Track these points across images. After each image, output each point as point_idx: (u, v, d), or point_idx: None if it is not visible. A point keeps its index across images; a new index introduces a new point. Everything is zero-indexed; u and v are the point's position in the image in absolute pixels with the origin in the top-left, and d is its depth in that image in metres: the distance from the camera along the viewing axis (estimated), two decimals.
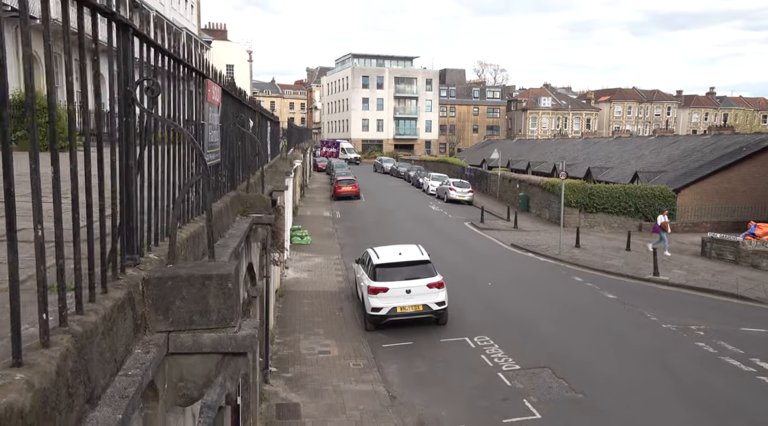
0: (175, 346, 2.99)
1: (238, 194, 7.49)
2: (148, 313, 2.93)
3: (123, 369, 2.53)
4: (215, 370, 3.10)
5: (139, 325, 2.85)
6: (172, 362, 3.04)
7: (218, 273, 3.00)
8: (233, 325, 3.04)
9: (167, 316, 2.96)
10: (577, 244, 27.24)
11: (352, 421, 10.74)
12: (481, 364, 13.60)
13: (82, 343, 2.08)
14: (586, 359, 13.73)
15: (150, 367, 2.63)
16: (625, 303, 18.29)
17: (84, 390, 2.06)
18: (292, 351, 14.19)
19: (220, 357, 3.08)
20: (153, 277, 2.93)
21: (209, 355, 3.05)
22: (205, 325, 3.01)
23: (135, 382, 2.41)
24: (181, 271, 3.00)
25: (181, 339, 2.99)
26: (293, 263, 23.21)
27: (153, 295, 2.93)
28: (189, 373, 3.07)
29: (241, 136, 8.17)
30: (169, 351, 2.98)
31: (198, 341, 3.00)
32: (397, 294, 15.36)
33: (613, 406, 11.37)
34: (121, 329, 2.55)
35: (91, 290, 2.41)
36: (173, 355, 3.02)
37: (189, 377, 3.07)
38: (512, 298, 18.84)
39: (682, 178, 36.03)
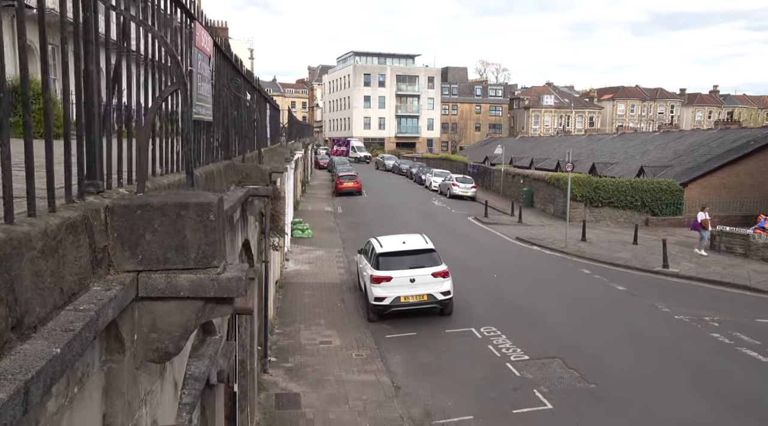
0: (146, 288, 2.49)
1: (233, 164, 7.00)
2: (113, 247, 2.43)
3: (73, 304, 2.03)
4: (195, 320, 2.60)
5: (100, 259, 2.35)
6: (143, 309, 2.54)
7: (197, 201, 2.50)
8: (216, 264, 2.54)
9: (136, 252, 2.46)
10: (583, 238, 26.71)
11: (354, 412, 10.24)
12: (488, 354, 13.09)
13: (4, 251, 1.58)
14: (598, 350, 13.22)
15: (109, 306, 2.13)
16: (635, 294, 17.77)
17: (5, 312, 1.57)
18: (292, 341, 13.69)
19: (201, 303, 2.58)
20: (118, 205, 2.43)
21: (187, 300, 2.55)
22: (182, 265, 2.51)
23: (85, 318, 1.91)
24: (152, 199, 2.50)
25: (153, 280, 2.49)
26: (294, 256, 22.72)
27: (118, 226, 2.43)
28: (163, 323, 2.57)
29: (236, 106, 7.67)
30: (139, 294, 2.48)
31: (173, 283, 2.50)
32: (401, 283, 14.85)
33: (628, 397, 10.85)
34: (71, 256, 2.06)
35: (30, 201, 1.92)
36: (144, 301, 2.53)
37: (163, 327, 2.57)
38: (519, 289, 18.33)
39: (689, 172, 35.49)
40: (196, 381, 3.94)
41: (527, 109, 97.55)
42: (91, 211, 2.28)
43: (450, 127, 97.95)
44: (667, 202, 33.14)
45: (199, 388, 3.88)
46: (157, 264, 2.49)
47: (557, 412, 10.35)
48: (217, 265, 2.54)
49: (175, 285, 2.50)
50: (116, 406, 2.45)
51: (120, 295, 2.25)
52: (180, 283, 2.50)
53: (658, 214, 32.97)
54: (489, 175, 49.51)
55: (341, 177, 43.91)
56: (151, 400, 2.86)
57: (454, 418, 10.28)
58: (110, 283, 2.31)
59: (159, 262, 2.49)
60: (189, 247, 2.50)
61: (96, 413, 2.34)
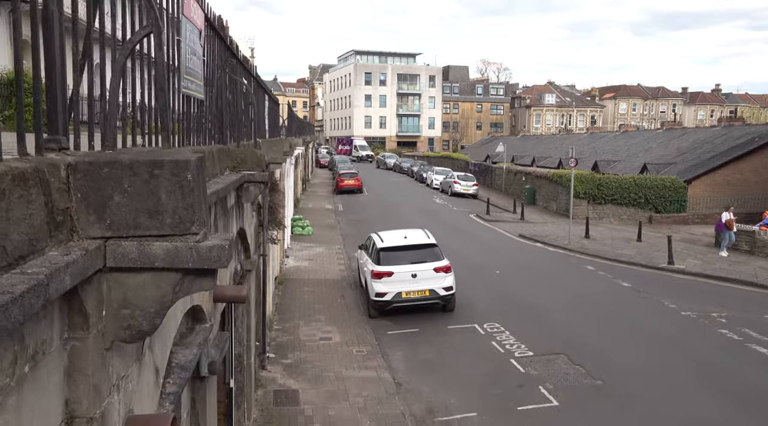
0: (116, 257, 2.20)
1: (228, 148, 6.71)
2: (77, 210, 2.14)
3: (21, 267, 1.74)
4: (171, 295, 2.31)
5: (60, 222, 2.06)
6: (113, 281, 2.25)
7: (173, 159, 2.21)
8: (195, 231, 2.25)
9: (103, 216, 2.17)
10: (586, 235, 26.40)
11: (355, 408, 9.94)
12: (491, 350, 12.80)
13: None
14: (603, 346, 12.92)
15: (65, 272, 1.84)
16: (640, 291, 17.46)
17: None
18: (291, 337, 13.40)
19: (178, 276, 2.29)
20: (82, 162, 2.14)
21: (163, 272, 2.26)
22: (156, 231, 2.22)
23: (30, 281, 1.62)
24: (121, 156, 2.21)
25: (124, 249, 2.20)
26: (294, 252, 22.44)
27: (82, 186, 2.14)
28: (136, 297, 2.28)
29: (232, 90, 7.38)
30: (107, 264, 2.19)
31: (146, 252, 2.21)
32: (403, 278, 14.55)
33: (635, 393, 10.55)
34: (19, 212, 1.76)
35: None
36: (114, 272, 2.23)
37: (136, 302, 2.28)
38: (522, 286, 18.03)
39: (693, 169, 35.16)
40: (183, 370, 3.65)
41: (529, 107, 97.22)
42: (48, 165, 1.99)
43: (451, 126, 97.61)
44: (670, 200, 32.82)
45: (185, 378, 3.59)
46: (128, 230, 2.20)
47: (563, 408, 10.05)
48: (196, 231, 2.25)
49: (148, 254, 2.21)
50: (80, 390, 2.16)
51: (81, 262, 1.96)
52: (154, 251, 2.21)
53: (662, 212, 32.63)
54: (491, 173, 49.20)
55: (342, 175, 43.65)
56: (125, 386, 2.57)
57: (457, 414, 9.99)
58: (71, 249, 2.02)
59: (130, 228, 2.20)
60: (164, 210, 2.21)
61: (56, 398, 2.05)
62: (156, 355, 3.12)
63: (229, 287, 5.27)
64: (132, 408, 2.68)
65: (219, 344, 5.22)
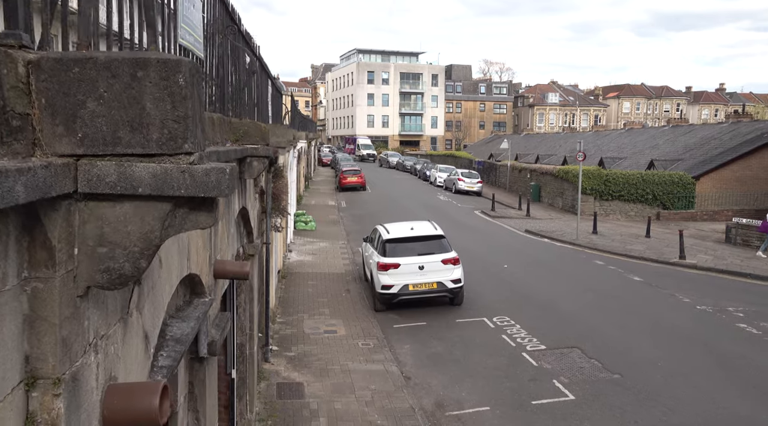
0: (90, 181, 1.77)
1: (229, 120, 6.28)
2: (41, 119, 1.71)
3: None
4: (160, 231, 1.87)
5: (16, 129, 1.63)
6: (87, 212, 1.82)
7: (161, 58, 1.78)
8: (188, 150, 1.82)
9: (73, 128, 1.74)
10: (594, 231, 25.94)
11: (362, 402, 9.50)
12: (502, 344, 12.35)
13: None
14: (618, 340, 12.47)
15: (18, 181, 1.41)
16: (653, 285, 17.01)
17: None
18: (294, 330, 12.97)
19: (168, 206, 1.85)
20: (47, 59, 1.72)
21: (149, 201, 1.83)
22: (141, 148, 1.79)
23: None
24: (97, 54, 1.77)
25: (100, 170, 1.77)
26: (297, 247, 22.01)
27: (47, 89, 1.71)
28: (116, 233, 1.85)
29: (234, 62, 6.94)
30: (79, 189, 1.76)
31: (128, 175, 1.78)
32: (410, 270, 14.11)
33: (656, 387, 10.10)
34: None
35: None
36: (89, 201, 1.80)
37: (116, 239, 1.85)
38: (531, 280, 17.59)
39: (701, 165, 34.67)
40: (178, 343, 3.22)
41: (532, 106, 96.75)
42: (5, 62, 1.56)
43: (454, 125, 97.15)
44: (678, 196, 32.34)
45: (181, 351, 3.16)
46: (105, 147, 1.77)
47: (580, 402, 9.61)
48: (190, 150, 1.82)
49: (130, 177, 1.78)
50: (45, 345, 1.73)
51: (41, 175, 1.53)
52: (138, 174, 1.78)
53: (670, 208, 32.15)
54: (495, 170, 48.75)
55: (345, 172, 43.24)
56: (105, 348, 2.15)
57: (468, 409, 9.55)
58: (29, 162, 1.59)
59: (107, 144, 1.77)
60: (150, 123, 1.78)
61: (11, 353, 1.62)
62: (146, 319, 2.69)
63: (231, 262, 4.84)
64: (115, 375, 2.25)
65: (220, 324, 4.79)
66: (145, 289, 2.65)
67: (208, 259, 4.30)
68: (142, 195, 1.80)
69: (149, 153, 1.79)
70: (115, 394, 2.13)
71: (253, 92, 8.92)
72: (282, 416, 8.93)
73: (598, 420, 9.07)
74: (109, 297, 2.17)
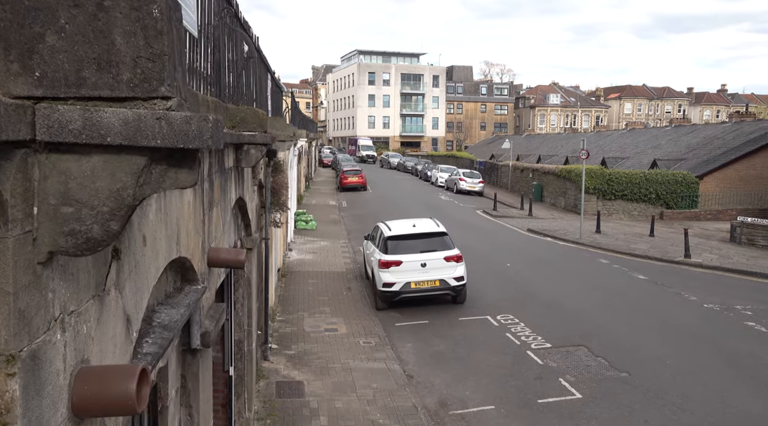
0: (51, 128, 1.53)
1: (225, 106, 6.04)
2: None
3: None
4: (134, 189, 1.64)
5: None
6: (49, 166, 1.58)
7: None
8: (165, 94, 1.58)
9: (30, 65, 1.51)
10: (597, 230, 25.69)
11: (363, 400, 9.25)
12: (506, 342, 12.10)
13: None
14: (625, 338, 12.21)
15: None
16: (658, 283, 16.75)
17: None
18: (294, 328, 12.72)
19: (143, 160, 1.62)
20: None
21: (121, 154, 1.59)
22: (109, 91, 1.55)
23: None
24: None
25: (62, 115, 1.53)
26: (297, 246, 21.77)
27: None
28: (82, 190, 1.61)
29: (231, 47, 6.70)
30: (38, 137, 1.52)
31: (95, 122, 1.54)
32: (412, 268, 13.86)
33: (665, 386, 9.84)
34: None
35: None
36: (51, 153, 1.56)
37: (83, 197, 1.61)
38: (534, 278, 17.34)
39: (704, 165, 34.40)
40: (166, 330, 2.98)
41: (533, 108, 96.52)
42: None
43: (455, 126, 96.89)
44: (682, 195, 32.07)
45: (168, 338, 2.92)
46: (68, 88, 1.53)
47: (588, 401, 9.35)
48: (167, 94, 1.58)
49: (98, 124, 1.54)
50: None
51: None
52: (107, 121, 1.54)
53: (673, 208, 31.88)
54: (496, 171, 48.51)
55: (346, 172, 43.02)
56: (76, 327, 1.91)
57: (473, 408, 9.30)
58: None
59: (70, 86, 1.53)
60: (120, 61, 1.54)
61: None
62: (127, 300, 2.45)
63: (226, 250, 4.60)
64: (87, 358, 2.01)
65: (214, 315, 4.55)
66: (125, 267, 2.42)
67: (200, 244, 4.06)
68: (112, 145, 1.56)
69: (119, 96, 1.56)
70: (86, 379, 1.89)
71: (251, 82, 8.69)
72: (281, 415, 8.69)
73: (606, 419, 8.82)
74: (81, 269, 1.94)
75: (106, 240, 1.68)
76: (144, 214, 2.66)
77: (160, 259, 2.95)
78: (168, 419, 3.85)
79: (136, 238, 2.53)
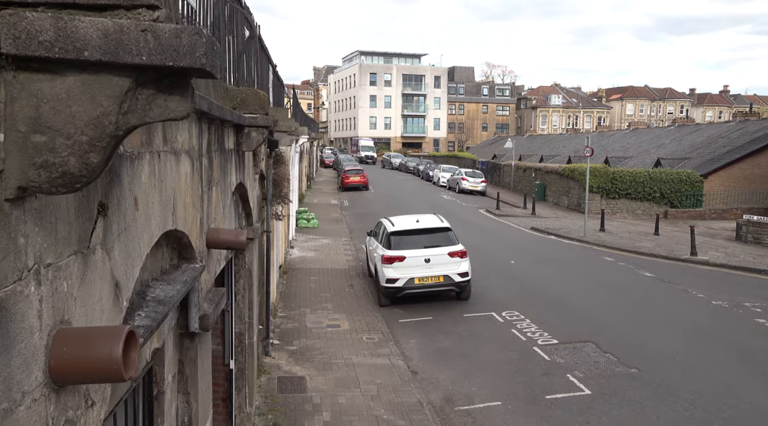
0: (17, 40, 1.32)
1: (225, 86, 5.84)
2: None
3: None
4: (116, 115, 1.42)
5: None
6: (17, 86, 1.37)
7: None
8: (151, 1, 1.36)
9: None
10: (602, 228, 25.46)
11: (367, 396, 9.02)
12: (512, 338, 11.87)
13: None
14: (633, 334, 11.98)
15: None
16: (665, 280, 16.51)
17: None
18: (296, 324, 12.50)
19: (127, 81, 1.40)
20: None
21: (101, 74, 1.37)
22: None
23: None
24: None
25: (30, 24, 1.32)
26: (299, 244, 21.56)
27: None
28: (56, 115, 1.40)
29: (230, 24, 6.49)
30: (4, 50, 1.31)
31: (69, 32, 1.33)
32: (415, 263, 13.63)
33: (676, 382, 9.60)
34: None
35: None
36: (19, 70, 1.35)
37: (56, 124, 1.40)
38: (539, 275, 17.10)
39: (708, 164, 34.16)
40: (161, 304, 2.77)
41: (535, 108, 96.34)
42: None
43: (457, 127, 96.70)
44: (686, 194, 31.82)
45: (163, 313, 2.71)
46: None
47: (598, 397, 9.12)
48: (153, 3, 1.36)
49: (73, 35, 1.33)
50: None
51: None
52: (83, 32, 1.33)
53: (678, 206, 31.64)
54: (499, 170, 48.30)
55: (347, 171, 42.81)
56: (54, 282, 1.69)
57: (479, 404, 9.07)
58: None
59: None
60: None
61: None
62: (116, 263, 2.23)
63: (226, 231, 4.39)
64: (68, 319, 1.80)
65: (214, 299, 4.34)
66: (114, 227, 2.20)
67: (198, 221, 3.85)
68: (90, 62, 1.35)
69: (98, 3, 1.34)
70: (66, 340, 1.68)
71: (252, 67, 8.49)
72: (283, 410, 8.46)
73: (617, 415, 8.58)
74: (60, 219, 1.72)
75: (85, 176, 1.46)
76: (135, 175, 2.45)
77: (153, 227, 2.73)
78: (164, 405, 3.64)
79: (126, 198, 2.32)
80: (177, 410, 3.99)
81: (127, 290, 2.38)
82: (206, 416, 4.48)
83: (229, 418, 7.59)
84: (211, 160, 4.47)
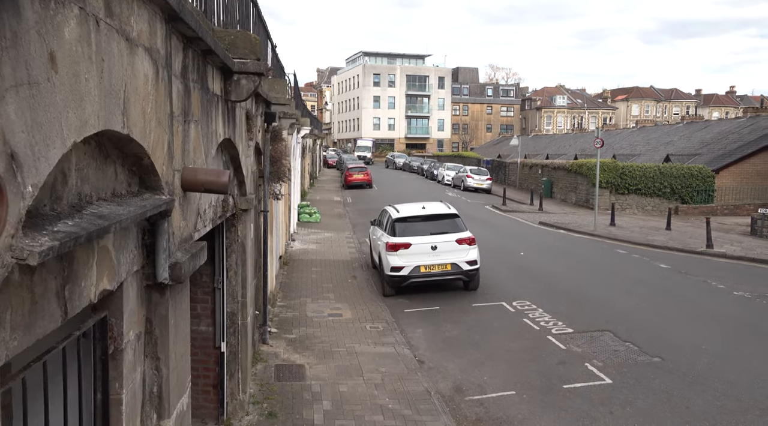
0: None
1: (212, 25, 5.20)
2: None
3: None
4: None
5: None
6: None
7: None
8: None
9: None
10: (612, 223, 24.76)
11: (371, 384, 8.35)
12: (525, 327, 11.20)
13: None
14: (653, 323, 11.29)
15: None
16: (682, 272, 15.82)
17: None
18: (296, 313, 11.84)
19: None
20: None
21: None
22: None
23: None
24: None
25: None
26: (301, 237, 20.93)
27: None
28: None
29: None
30: None
31: None
32: (421, 251, 12.97)
33: (703, 371, 8.91)
34: None
35: None
36: None
37: None
38: (550, 266, 16.43)
39: (719, 159, 33.43)
40: (99, 218, 2.12)
41: (539, 109, 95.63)
42: None
43: (461, 128, 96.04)
44: (698, 189, 31.09)
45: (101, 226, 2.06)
46: None
47: (620, 386, 8.43)
48: None
49: None
50: None
51: None
52: None
53: (689, 202, 30.90)
54: (504, 168, 47.63)
55: (351, 169, 42.24)
56: None
57: (491, 393, 8.40)
58: None
59: None
60: None
61: None
62: (12, 122, 1.57)
63: (204, 170, 3.74)
64: None
65: (190, 250, 3.68)
66: (7, 72, 1.55)
67: (166, 144, 3.20)
68: None
69: None
70: None
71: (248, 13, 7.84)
72: (280, 399, 7.80)
73: (642, 404, 7.89)
74: None
75: None
76: (55, 27, 1.81)
77: (86, 111, 2.08)
78: (123, 367, 2.98)
79: (33, 40, 1.67)
80: (144, 377, 3.33)
81: (31, 173, 1.72)
82: (182, 389, 3.82)
83: (220, 405, 6.94)
84: (188, 88, 3.82)
